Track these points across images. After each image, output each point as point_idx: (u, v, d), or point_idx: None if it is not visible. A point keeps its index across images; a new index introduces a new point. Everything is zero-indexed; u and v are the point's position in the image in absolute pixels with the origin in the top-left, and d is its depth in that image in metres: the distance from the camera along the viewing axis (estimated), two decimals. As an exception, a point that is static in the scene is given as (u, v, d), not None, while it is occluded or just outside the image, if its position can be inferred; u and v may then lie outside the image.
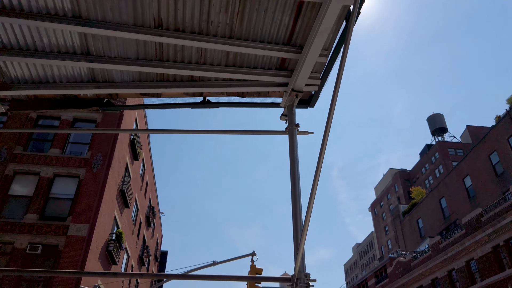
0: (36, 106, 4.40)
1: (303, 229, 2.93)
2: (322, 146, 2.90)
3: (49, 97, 4.40)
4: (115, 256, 21.16)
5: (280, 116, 4.45)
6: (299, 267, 3.10)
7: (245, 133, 4.28)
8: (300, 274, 3.15)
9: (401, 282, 34.77)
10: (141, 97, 4.56)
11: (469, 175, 38.64)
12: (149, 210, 33.60)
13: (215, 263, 11.74)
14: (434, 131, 71.66)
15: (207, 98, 4.53)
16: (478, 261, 26.31)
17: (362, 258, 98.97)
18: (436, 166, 63.84)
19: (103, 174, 19.92)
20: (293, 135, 4.00)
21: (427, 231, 45.29)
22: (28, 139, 20.88)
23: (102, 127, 21.74)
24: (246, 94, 4.51)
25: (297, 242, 3.22)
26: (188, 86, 4.32)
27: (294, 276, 3.16)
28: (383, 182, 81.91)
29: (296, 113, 4.24)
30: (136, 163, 27.03)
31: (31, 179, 19.53)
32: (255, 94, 4.52)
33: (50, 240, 17.66)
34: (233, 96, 4.53)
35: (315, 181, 2.86)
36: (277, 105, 4.55)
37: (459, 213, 39.27)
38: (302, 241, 2.92)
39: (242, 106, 4.51)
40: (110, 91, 4.29)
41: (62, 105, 4.44)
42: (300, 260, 3.06)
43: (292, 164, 3.69)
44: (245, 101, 4.55)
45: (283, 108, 4.47)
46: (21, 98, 4.40)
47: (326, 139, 2.81)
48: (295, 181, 3.56)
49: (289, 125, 4.18)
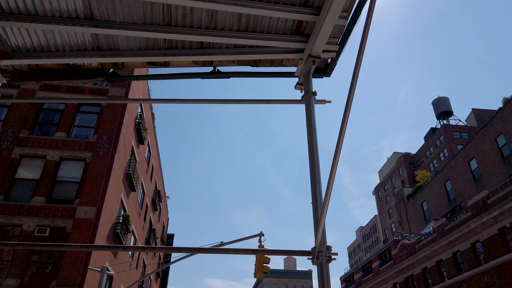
0: (38, 77, 4.21)
1: (325, 200, 2.76)
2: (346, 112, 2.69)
3: (52, 67, 4.21)
4: (122, 239, 21.28)
5: (295, 86, 4.23)
6: (320, 240, 2.94)
7: (258, 102, 4.07)
8: (321, 247, 3.00)
9: (405, 264, 34.92)
10: (148, 66, 4.35)
11: (475, 157, 38.33)
12: (155, 194, 33.73)
13: (223, 244, 11.69)
14: (439, 115, 71.02)
15: (217, 68, 4.32)
16: (483, 243, 26.27)
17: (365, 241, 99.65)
18: (441, 150, 63.48)
19: (109, 158, 19.86)
20: (310, 104, 3.79)
21: (431, 214, 45.28)
22: (34, 123, 20.80)
23: (107, 111, 21.60)
24: (258, 63, 4.28)
25: (317, 215, 3.06)
26: (198, 54, 4.10)
27: (315, 249, 3.01)
28: (387, 166, 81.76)
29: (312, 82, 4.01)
30: (141, 147, 26.97)
31: (37, 163, 19.52)
32: (268, 63, 4.29)
33: (57, 223, 17.74)
34: (244, 65, 4.31)
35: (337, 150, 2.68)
36: (291, 75, 4.32)
37: (464, 196, 39.13)
38: (323, 213, 2.75)
39: (254, 76, 4.29)
40: (116, 60, 4.09)
41: (66, 75, 4.25)
42: (321, 233, 2.90)
43: (310, 134, 3.49)
44: (257, 71, 4.33)
45: (297, 79, 4.24)
46: (23, 69, 4.22)
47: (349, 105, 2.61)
48: (313, 152, 3.36)
49: (305, 94, 3.95)
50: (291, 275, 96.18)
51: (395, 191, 70.54)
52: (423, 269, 32.91)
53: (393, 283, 37.21)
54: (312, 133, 3.47)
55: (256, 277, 10.64)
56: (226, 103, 4.20)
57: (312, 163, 3.32)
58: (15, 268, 16.51)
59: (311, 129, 3.49)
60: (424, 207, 47.77)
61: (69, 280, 16.30)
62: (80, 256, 16.92)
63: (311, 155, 3.39)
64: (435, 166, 62.73)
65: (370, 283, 41.78)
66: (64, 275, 16.41)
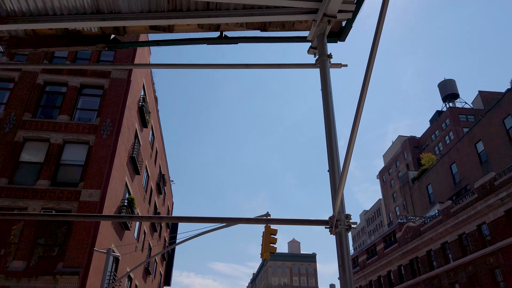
0: (36, 44, 3.98)
1: (344, 165, 2.56)
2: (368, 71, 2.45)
3: (49, 34, 3.98)
4: (127, 222, 21.33)
5: (308, 50, 3.96)
6: (338, 208, 2.75)
7: (269, 67, 3.84)
8: (340, 216, 2.81)
9: (410, 246, 34.99)
10: (151, 32, 4.11)
11: (482, 140, 37.94)
12: (160, 178, 33.74)
13: (228, 225, 11.59)
14: (445, 97, 70.25)
15: (224, 33, 4.07)
16: (490, 225, 26.16)
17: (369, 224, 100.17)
18: (446, 133, 63.03)
19: (112, 140, 19.73)
20: (325, 67, 3.54)
21: (437, 197, 45.17)
22: (36, 105, 20.64)
23: (110, 94, 21.37)
24: (268, 27, 4.02)
25: (335, 182, 2.86)
26: (204, 16, 3.84)
27: (333, 217, 2.81)
28: (392, 150, 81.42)
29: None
30: (145, 130, 26.82)
31: (41, 146, 19.44)
32: (278, 27, 4.03)
33: (63, 206, 17.74)
34: (253, 29, 4.04)
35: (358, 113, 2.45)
36: (303, 40, 4.05)
37: (470, 179, 38.90)
38: (342, 179, 2.54)
39: (264, 41, 4.02)
40: (117, 24, 3.84)
41: (65, 42, 4.02)
42: (339, 201, 2.71)
43: (326, 100, 3.25)
44: (267, 35, 4.07)
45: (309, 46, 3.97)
46: (20, 35, 4.00)
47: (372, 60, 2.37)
48: (330, 118, 3.14)
49: (320, 57, 3.69)
50: (295, 259, 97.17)
51: (400, 174, 70.41)
52: (428, 251, 32.97)
53: (397, 265, 37.39)
54: (328, 98, 3.23)
55: (263, 257, 10.55)
56: (235, 68, 3.96)
57: (329, 129, 3.10)
58: (22, 251, 16.59)
59: (327, 94, 3.26)
60: (429, 190, 47.65)
61: (75, 263, 16.38)
62: (86, 238, 16.97)
63: (327, 121, 3.17)
64: (441, 149, 62.36)
65: (375, 265, 42.02)
66: (70, 257, 16.49)
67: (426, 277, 32.50)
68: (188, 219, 3.39)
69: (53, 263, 16.61)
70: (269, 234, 10.74)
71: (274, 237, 10.80)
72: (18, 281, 15.82)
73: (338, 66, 3.73)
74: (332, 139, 3.08)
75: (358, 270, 46.48)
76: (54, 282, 15.89)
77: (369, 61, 2.45)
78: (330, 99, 3.26)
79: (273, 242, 10.70)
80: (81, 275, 16.15)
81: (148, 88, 27.79)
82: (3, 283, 15.77)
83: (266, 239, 10.57)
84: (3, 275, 15.90)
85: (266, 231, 10.80)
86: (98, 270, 17.54)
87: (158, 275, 36.20)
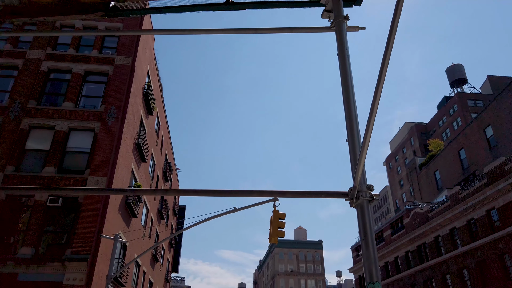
0: (31, 13, 3.76)
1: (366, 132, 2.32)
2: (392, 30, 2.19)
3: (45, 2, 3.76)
4: (134, 209, 21.33)
5: (322, 14, 3.68)
6: (359, 179, 2.52)
7: (280, 31, 3.58)
8: (361, 187, 2.58)
9: (417, 232, 34.81)
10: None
11: (491, 125, 37.35)
12: (166, 166, 33.71)
13: (236, 210, 11.45)
14: (453, 83, 69.23)
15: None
16: (499, 210, 25.85)
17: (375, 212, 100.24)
18: (454, 119, 62.29)
19: (118, 127, 19.60)
20: (341, 29, 3.27)
21: (444, 183, 44.78)
22: (41, 93, 20.51)
23: (114, 80, 21.16)
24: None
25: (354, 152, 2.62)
26: (210, -21, 3.59)
27: (353, 188, 2.58)
28: (398, 136, 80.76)
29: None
30: (150, 117, 26.66)
31: (46, 133, 19.36)
32: (289, -11, 3.75)
33: (69, 193, 17.69)
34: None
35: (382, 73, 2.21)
36: (316, 4, 3.78)
37: (478, 164, 38.43)
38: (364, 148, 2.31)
39: (274, 7, 3.75)
40: (117, -12, 3.61)
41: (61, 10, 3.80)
42: (361, 171, 2.47)
43: (343, 64, 3.00)
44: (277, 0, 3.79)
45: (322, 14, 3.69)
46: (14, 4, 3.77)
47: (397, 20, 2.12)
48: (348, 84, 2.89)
49: (335, 18, 3.42)
50: (301, 245, 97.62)
51: (407, 161, 69.94)
52: (435, 237, 32.78)
53: (404, 251, 37.30)
54: (345, 62, 2.98)
55: (271, 241, 10.42)
56: (242, 33, 3.71)
57: (347, 96, 2.86)
58: (30, 238, 16.65)
59: (344, 59, 3.00)
60: (436, 176, 47.26)
61: (83, 249, 16.41)
62: (93, 225, 16.97)
63: (345, 87, 2.92)
64: (448, 135, 61.71)
65: (382, 251, 41.98)
66: (78, 244, 16.51)
67: (434, 262, 32.39)
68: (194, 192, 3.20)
69: (61, 250, 16.66)
70: (277, 219, 10.58)
71: (282, 221, 10.65)
72: (27, 268, 15.90)
73: (355, 29, 3.45)
74: (350, 106, 2.84)
75: (365, 256, 46.51)
76: (62, 268, 15.96)
77: (394, 17, 2.19)
78: (348, 64, 3.01)
79: (281, 227, 10.54)
80: (89, 261, 16.19)
81: (153, 75, 27.54)
82: (12, 270, 15.86)
83: (274, 224, 10.42)
84: (12, 262, 15.98)
85: (274, 216, 10.64)
86: (106, 257, 17.59)
87: (166, 262, 36.46)
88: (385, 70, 2.23)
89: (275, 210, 10.73)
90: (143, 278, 26.12)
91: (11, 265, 15.92)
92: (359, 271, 48.38)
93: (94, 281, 16.22)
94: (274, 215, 10.59)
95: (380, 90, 2.23)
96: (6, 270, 15.84)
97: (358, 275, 48.50)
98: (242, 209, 11.33)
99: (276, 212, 10.59)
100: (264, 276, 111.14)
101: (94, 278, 16.14)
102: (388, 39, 2.20)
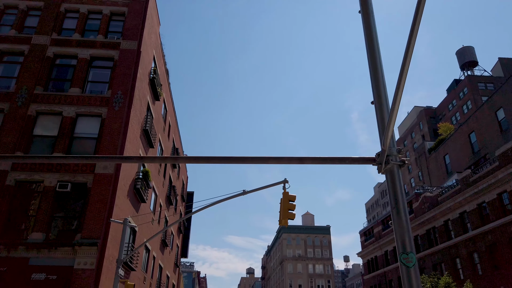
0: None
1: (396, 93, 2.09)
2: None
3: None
4: (143, 194, 21.36)
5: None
6: (389, 142, 2.30)
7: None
8: (391, 151, 2.36)
9: (427, 216, 34.60)
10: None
11: (503, 107, 36.63)
12: (173, 152, 33.70)
13: (245, 192, 11.30)
14: (463, 65, 67.89)
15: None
16: (510, 194, 25.49)
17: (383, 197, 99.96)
18: (464, 102, 61.29)
19: (125, 113, 19.47)
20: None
21: (454, 167, 44.30)
22: (47, 79, 20.41)
23: (120, 65, 20.95)
24: None
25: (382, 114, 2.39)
26: None
27: (382, 153, 2.35)
28: (407, 121, 79.87)
29: None
30: (157, 103, 26.50)
31: (54, 119, 19.32)
32: None
33: (78, 178, 17.74)
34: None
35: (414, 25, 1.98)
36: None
37: (489, 147, 37.86)
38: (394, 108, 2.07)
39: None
40: None
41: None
42: (390, 134, 2.25)
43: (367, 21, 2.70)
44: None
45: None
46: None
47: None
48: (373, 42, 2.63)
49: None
50: (309, 231, 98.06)
51: (415, 145, 69.32)
52: (445, 221, 32.56)
53: (414, 235, 37.17)
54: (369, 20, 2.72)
55: (282, 224, 10.29)
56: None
57: (372, 53, 2.62)
58: (40, 223, 16.75)
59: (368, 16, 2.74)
60: (446, 160, 46.76)
61: (93, 234, 16.48)
62: (103, 210, 17.00)
63: (369, 45, 2.68)
64: (458, 119, 60.85)
65: (390, 236, 41.87)
66: (88, 229, 16.58)
67: (444, 246, 32.24)
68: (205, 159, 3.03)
69: (72, 235, 16.76)
70: (287, 200, 10.43)
71: (292, 203, 10.48)
72: (38, 252, 16.04)
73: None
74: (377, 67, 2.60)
75: (374, 241, 46.49)
76: (73, 253, 16.07)
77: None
78: (372, 21, 2.75)
79: (291, 209, 10.39)
80: (99, 246, 16.28)
81: (159, 60, 27.27)
82: (24, 254, 16.01)
83: (284, 206, 10.28)
84: (24, 246, 16.12)
85: (284, 198, 10.49)
86: (116, 241, 17.68)
87: (175, 247, 36.78)
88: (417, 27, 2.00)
89: (285, 192, 10.57)
90: (153, 262, 26.35)
91: (22, 249, 16.07)
92: (367, 255, 48.42)
93: (105, 265, 16.33)
94: (284, 197, 10.43)
95: (413, 40, 2.00)
96: (17, 254, 16.00)
97: (367, 260, 48.59)
98: (251, 191, 11.18)
99: (287, 194, 10.43)
100: (272, 261, 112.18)
101: (104, 262, 16.24)
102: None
